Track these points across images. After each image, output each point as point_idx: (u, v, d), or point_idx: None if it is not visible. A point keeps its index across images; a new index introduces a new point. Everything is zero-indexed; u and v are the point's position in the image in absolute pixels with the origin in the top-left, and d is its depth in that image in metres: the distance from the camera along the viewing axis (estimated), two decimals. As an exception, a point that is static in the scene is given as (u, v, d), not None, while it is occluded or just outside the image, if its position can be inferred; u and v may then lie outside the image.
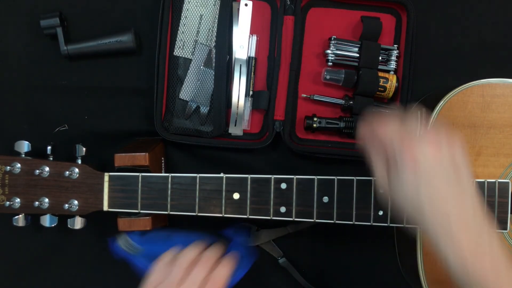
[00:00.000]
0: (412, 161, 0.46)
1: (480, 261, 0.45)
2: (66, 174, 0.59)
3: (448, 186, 0.46)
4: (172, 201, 0.60)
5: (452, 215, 0.46)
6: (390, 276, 0.74)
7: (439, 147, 0.47)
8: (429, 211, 0.46)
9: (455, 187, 0.47)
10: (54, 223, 0.61)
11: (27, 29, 0.70)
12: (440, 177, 0.46)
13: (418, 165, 0.46)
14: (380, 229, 0.61)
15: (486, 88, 0.62)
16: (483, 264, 0.45)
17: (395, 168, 0.48)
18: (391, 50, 0.69)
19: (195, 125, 0.70)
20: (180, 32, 0.69)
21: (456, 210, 0.46)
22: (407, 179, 0.47)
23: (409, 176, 0.46)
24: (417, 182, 0.46)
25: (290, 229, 0.73)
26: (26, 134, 0.71)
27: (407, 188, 0.47)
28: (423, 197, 0.46)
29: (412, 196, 0.47)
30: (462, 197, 0.47)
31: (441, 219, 0.46)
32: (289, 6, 0.68)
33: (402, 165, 0.47)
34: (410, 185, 0.47)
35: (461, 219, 0.46)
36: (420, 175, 0.46)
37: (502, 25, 0.73)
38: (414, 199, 0.47)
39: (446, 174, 0.47)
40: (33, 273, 0.73)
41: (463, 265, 0.45)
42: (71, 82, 0.71)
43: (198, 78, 0.69)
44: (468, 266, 0.45)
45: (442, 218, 0.46)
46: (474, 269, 0.45)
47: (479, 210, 0.47)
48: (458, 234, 0.45)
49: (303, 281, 0.73)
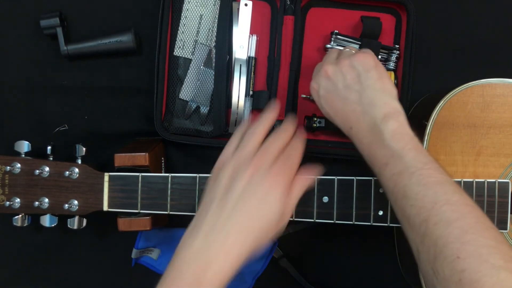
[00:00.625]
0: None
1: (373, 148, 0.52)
2: (66, 174, 0.59)
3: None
4: (172, 201, 0.60)
5: (353, 125, 0.54)
6: (390, 276, 0.74)
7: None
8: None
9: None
10: (54, 223, 0.61)
11: (27, 29, 0.70)
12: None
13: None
14: (380, 229, 0.61)
15: (486, 88, 0.62)
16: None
17: None
18: (391, 49, 0.69)
19: (195, 125, 0.70)
20: (180, 32, 0.69)
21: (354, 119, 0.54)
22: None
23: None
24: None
25: (290, 229, 0.73)
26: (26, 134, 0.71)
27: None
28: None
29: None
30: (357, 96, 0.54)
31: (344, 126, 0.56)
32: (289, 6, 0.68)
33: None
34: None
35: (358, 127, 0.53)
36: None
37: (502, 25, 0.73)
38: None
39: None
40: (33, 273, 0.73)
41: (362, 150, 0.54)
42: (71, 82, 0.71)
43: (198, 78, 0.69)
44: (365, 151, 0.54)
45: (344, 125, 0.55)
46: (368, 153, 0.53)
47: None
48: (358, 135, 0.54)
49: (303, 281, 0.73)
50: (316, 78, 0.58)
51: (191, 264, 0.47)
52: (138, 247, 0.70)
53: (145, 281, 0.73)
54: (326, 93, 0.57)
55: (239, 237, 0.48)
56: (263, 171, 0.51)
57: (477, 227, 0.44)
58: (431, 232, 0.45)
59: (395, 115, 0.51)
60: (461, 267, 0.42)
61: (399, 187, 0.49)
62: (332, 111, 0.57)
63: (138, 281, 0.74)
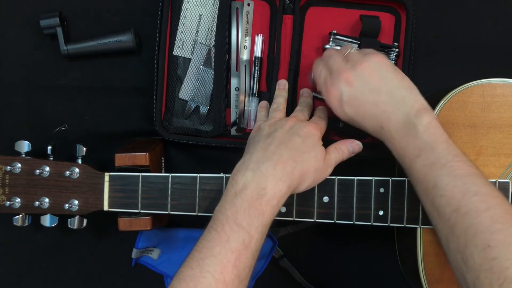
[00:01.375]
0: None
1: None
2: (66, 174, 0.59)
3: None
4: (172, 201, 0.60)
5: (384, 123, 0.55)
6: (390, 276, 0.74)
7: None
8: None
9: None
10: (54, 223, 0.61)
11: (27, 29, 0.70)
12: None
13: None
14: (380, 229, 0.61)
15: (486, 88, 0.62)
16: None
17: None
18: (390, 48, 0.69)
19: (195, 125, 0.70)
20: (180, 32, 0.69)
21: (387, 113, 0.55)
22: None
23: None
24: None
25: (290, 229, 0.73)
26: (26, 134, 0.71)
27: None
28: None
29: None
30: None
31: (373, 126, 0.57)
32: (288, 5, 0.68)
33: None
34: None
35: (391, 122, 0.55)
36: None
37: (502, 25, 0.73)
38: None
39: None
40: (33, 273, 0.73)
41: (393, 145, 0.56)
42: (71, 82, 0.71)
43: (197, 77, 0.69)
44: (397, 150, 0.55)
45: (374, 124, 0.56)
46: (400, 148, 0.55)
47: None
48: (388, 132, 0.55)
49: (303, 281, 0.73)
50: (336, 85, 0.57)
51: (248, 189, 0.51)
52: (138, 247, 0.70)
53: (145, 281, 0.73)
54: (351, 99, 0.57)
55: (286, 166, 0.53)
56: (301, 122, 0.58)
57: (506, 218, 0.47)
58: (461, 222, 0.48)
59: (426, 111, 0.54)
60: (492, 255, 0.44)
61: (430, 178, 0.51)
62: (360, 116, 0.57)
63: (138, 281, 0.74)
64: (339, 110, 0.58)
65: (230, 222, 0.49)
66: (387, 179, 0.60)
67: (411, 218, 0.60)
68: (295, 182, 0.53)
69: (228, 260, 0.47)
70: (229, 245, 0.48)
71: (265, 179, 0.51)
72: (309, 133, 0.57)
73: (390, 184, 0.60)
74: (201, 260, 0.47)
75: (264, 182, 0.51)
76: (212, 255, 0.47)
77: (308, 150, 0.55)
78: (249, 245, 0.48)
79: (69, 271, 0.73)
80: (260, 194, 0.50)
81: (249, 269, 0.49)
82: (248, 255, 0.48)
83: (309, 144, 0.56)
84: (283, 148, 0.54)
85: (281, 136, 0.56)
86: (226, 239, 0.48)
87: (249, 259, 0.49)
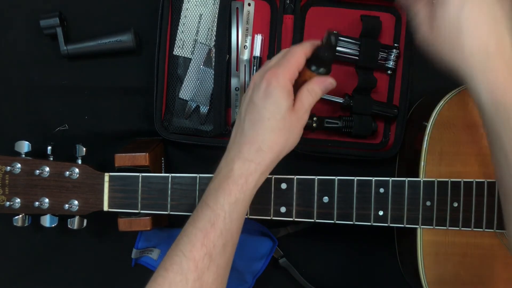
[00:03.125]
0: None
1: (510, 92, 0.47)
2: (66, 174, 0.59)
3: (489, 10, 0.48)
4: (172, 201, 0.60)
5: (491, 46, 0.48)
6: (390, 276, 0.74)
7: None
8: (469, 44, 0.48)
9: (497, 12, 0.48)
10: (54, 223, 0.61)
11: (27, 29, 0.70)
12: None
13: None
14: (380, 230, 0.61)
15: (486, 88, 0.61)
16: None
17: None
18: (390, 48, 0.69)
19: (195, 125, 0.70)
20: (180, 32, 0.69)
21: (494, 40, 0.48)
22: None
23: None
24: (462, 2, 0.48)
25: (290, 229, 0.73)
26: (26, 134, 0.71)
27: (450, 16, 0.49)
28: (465, 21, 0.48)
29: (453, 25, 0.49)
30: (501, 25, 0.48)
31: (478, 52, 0.48)
32: (288, 5, 0.68)
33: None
34: (455, 9, 0.49)
35: (498, 51, 0.48)
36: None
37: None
38: (455, 29, 0.49)
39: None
40: (33, 273, 0.73)
41: (494, 100, 0.48)
42: (71, 82, 0.71)
43: (197, 77, 0.69)
44: (499, 101, 0.47)
45: (479, 50, 0.48)
46: (505, 103, 0.47)
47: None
48: (494, 68, 0.48)
49: (303, 281, 0.73)
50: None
51: (220, 174, 0.52)
52: (138, 247, 0.70)
53: (145, 281, 0.73)
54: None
55: (252, 145, 0.52)
56: (260, 78, 0.53)
57: None
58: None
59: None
60: None
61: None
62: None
63: (138, 281, 0.74)
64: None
65: (201, 204, 0.52)
66: (387, 179, 0.60)
67: (411, 218, 0.60)
68: (268, 154, 0.52)
69: (198, 239, 0.50)
70: (198, 224, 0.50)
71: (232, 162, 0.52)
72: (268, 91, 0.52)
73: (390, 184, 0.60)
74: (177, 241, 0.51)
75: (232, 164, 0.52)
76: (185, 234, 0.51)
77: (272, 115, 0.52)
78: (216, 223, 0.50)
79: (69, 271, 0.73)
80: (227, 175, 0.52)
81: (220, 248, 0.50)
82: (216, 233, 0.50)
83: (271, 106, 0.52)
84: (247, 125, 0.53)
85: (244, 112, 0.54)
86: (196, 219, 0.51)
87: (218, 238, 0.50)
